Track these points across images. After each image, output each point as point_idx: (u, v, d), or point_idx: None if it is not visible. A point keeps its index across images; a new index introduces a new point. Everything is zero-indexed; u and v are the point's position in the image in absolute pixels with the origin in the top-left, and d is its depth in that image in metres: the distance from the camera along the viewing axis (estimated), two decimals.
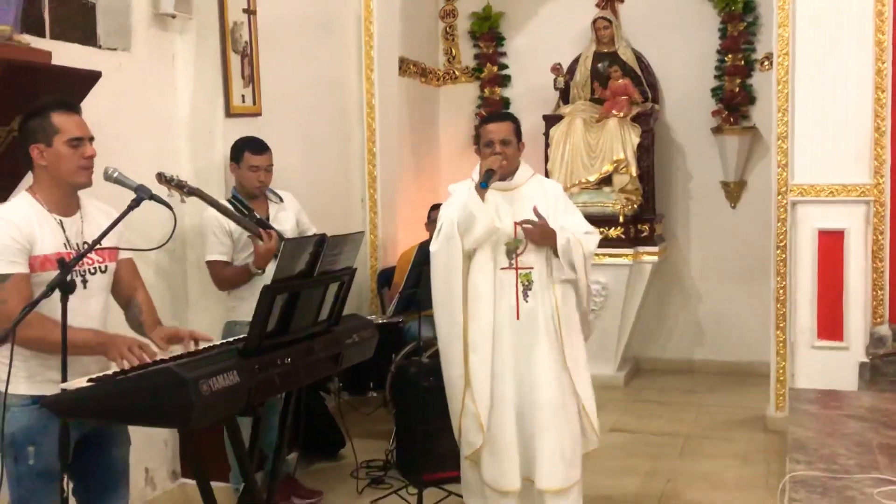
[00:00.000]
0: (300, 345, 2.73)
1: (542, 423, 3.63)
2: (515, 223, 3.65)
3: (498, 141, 3.66)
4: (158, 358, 2.68)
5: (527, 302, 3.64)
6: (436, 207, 5.89)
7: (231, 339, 2.79)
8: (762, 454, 5.16)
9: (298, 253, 2.66)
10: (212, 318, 4.41)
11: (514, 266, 3.66)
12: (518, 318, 3.64)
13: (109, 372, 2.55)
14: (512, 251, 3.66)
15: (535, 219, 3.60)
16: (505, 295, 3.65)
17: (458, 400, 3.72)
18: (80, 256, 2.65)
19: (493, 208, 3.60)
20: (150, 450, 4.31)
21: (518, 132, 3.76)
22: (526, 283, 3.65)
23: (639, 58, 7.13)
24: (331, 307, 2.87)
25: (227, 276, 4.21)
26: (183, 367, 2.37)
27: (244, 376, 2.45)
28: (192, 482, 4.31)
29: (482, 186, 3.53)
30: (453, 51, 7.72)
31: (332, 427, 5.26)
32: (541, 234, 3.62)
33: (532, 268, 3.67)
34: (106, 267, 2.96)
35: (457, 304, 3.63)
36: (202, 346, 2.89)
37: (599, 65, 7.11)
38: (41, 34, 3.84)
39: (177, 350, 2.88)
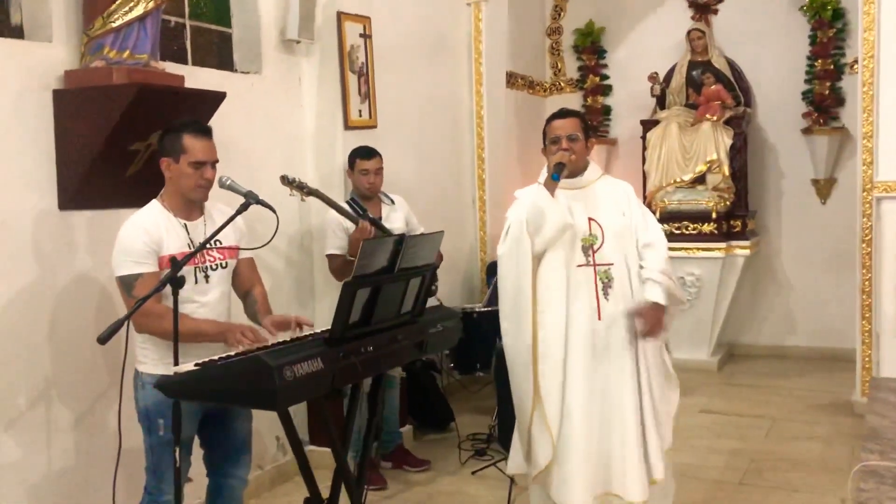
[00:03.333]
0: (385, 334, 2.63)
1: (625, 431, 3.06)
2: (590, 219, 3.14)
3: (565, 137, 3.14)
4: (268, 343, 2.66)
5: (608, 300, 3.08)
6: None
7: (325, 329, 2.71)
8: (846, 438, 4.73)
9: (378, 251, 2.56)
10: (331, 305, 4.30)
11: (592, 262, 3.09)
12: (600, 319, 3.07)
13: (215, 357, 2.52)
14: (588, 247, 3.10)
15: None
16: (582, 294, 3.07)
17: (527, 415, 3.08)
18: (189, 256, 2.65)
19: (562, 201, 3.10)
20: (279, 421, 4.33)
21: (586, 128, 3.23)
22: (606, 281, 3.10)
23: (731, 65, 6.71)
24: (414, 299, 2.76)
25: (339, 267, 4.19)
26: (271, 354, 2.32)
27: (328, 363, 2.37)
28: (319, 448, 4.33)
29: (554, 178, 3.02)
30: (559, 64, 7.48)
31: (442, 403, 5.19)
32: (654, 319, 3.08)
33: (612, 264, 3.10)
34: (226, 263, 2.96)
35: (525, 311, 3.04)
36: (306, 330, 2.85)
37: (694, 72, 6.72)
38: (183, 61, 3.91)
39: (285, 336, 2.85)
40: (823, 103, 6.52)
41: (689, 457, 4.43)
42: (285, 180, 3.80)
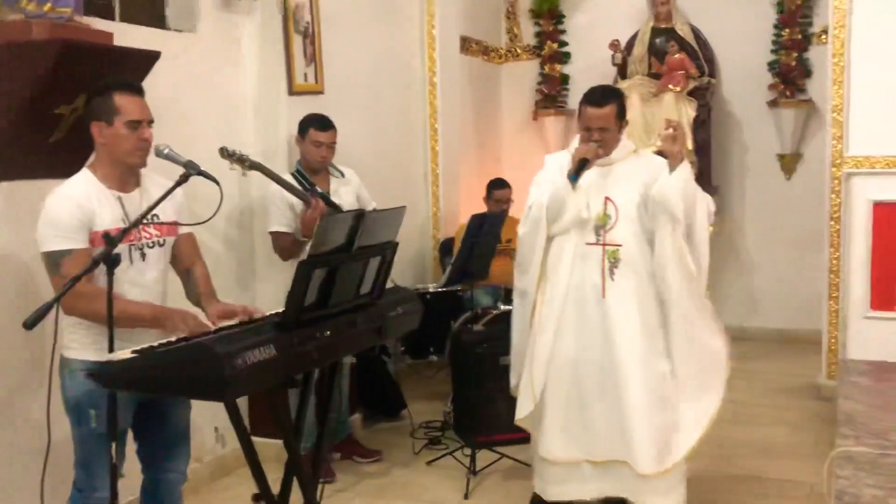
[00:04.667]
0: (342, 318, 2.56)
1: (628, 404, 3.24)
2: (606, 198, 3.29)
3: (596, 129, 3.25)
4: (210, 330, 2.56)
5: (613, 280, 3.25)
6: (494, 185, 5.67)
7: (275, 312, 2.63)
8: (813, 422, 4.85)
9: (335, 228, 2.48)
10: (276, 287, 4.30)
11: (602, 242, 3.27)
12: (604, 297, 3.26)
13: (154, 344, 2.42)
14: (601, 226, 3.28)
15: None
16: (588, 271, 3.28)
17: (517, 371, 3.53)
18: (125, 231, 2.53)
19: (584, 192, 3.26)
20: (220, 409, 4.21)
21: (621, 113, 3.32)
22: (613, 261, 3.25)
23: (696, 33, 6.74)
24: (373, 281, 2.69)
25: (286, 245, 4.10)
26: (219, 341, 2.24)
27: (281, 350, 2.29)
28: (262, 439, 4.23)
29: (572, 179, 3.21)
30: (515, 29, 7.43)
31: (394, 390, 5.14)
32: (676, 141, 3.16)
33: (621, 245, 3.26)
34: (164, 241, 2.85)
35: (532, 283, 3.37)
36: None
37: (657, 40, 6.74)
38: (111, 17, 3.75)
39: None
40: (790, 75, 6.61)
41: None
42: (225, 153, 3.69)
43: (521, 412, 3.46)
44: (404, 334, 4.98)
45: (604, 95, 3.33)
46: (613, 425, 3.29)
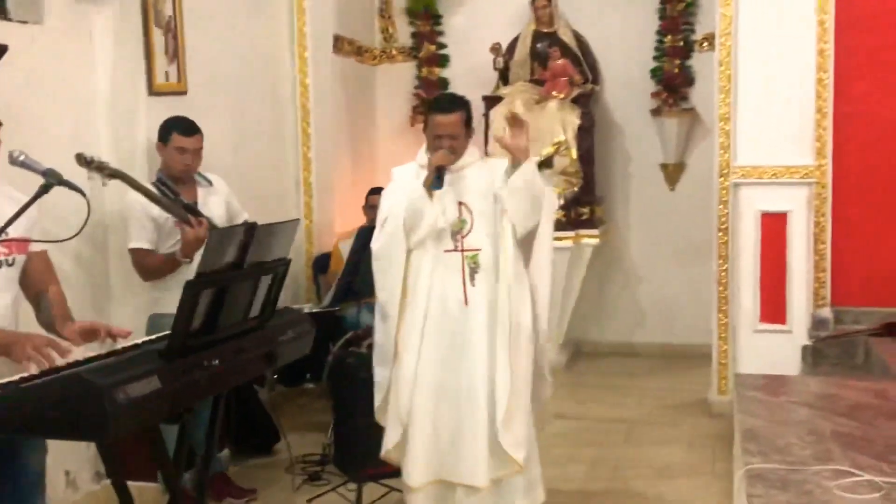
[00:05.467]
0: (229, 344, 2.48)
1: (474, 416, 3.42)
2: (460, 203, 3.45)
3: (446, 136, 3.43)
4: (72, 360, 2.40)
5: (474, 286, 3.43)
6: (374, 191, 5.68)
7: (153, 338, 2.51)
8: (707, 439, 5.06)
9: (226, 243, 2.40)
10: (135, 310, 4.13)
11: (460, 248, 3.44)
12: (466, 305, 3.42)
13: (15, 378, 2.26)
14: (457, 232, 3.45)
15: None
16: (450, 280, 3.44)
17: (381, 400, 3.60)
18: None
19: (438, 200, 3.39)
20: (69, 451, 4.01)
21: (468, 120, 3.53)
22: (473, 266, 3.44)
23: (578, 38, 6.96)
24: (263, 302, 2.62)
25: (150, 266, 3.95)
26: (96, 372, 2.12)
27: (166, 381, 2.19)
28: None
29: (435, 188, 3.34)
30: (390, 29, 7.45)
31: (266, 421, 5.01)
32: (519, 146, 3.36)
33: (479, 249, 3.46)
34: (13, 259, 2.68)
35: (394, 302, 3.44)
36: (120, 343, 2.61)
37: (539, 45, 6.91)
38: None
39: (93, 350, 2.60)
40: (673, 82, 6.92)
41: (548, 467, 4.53)
42: (82, 160, 3.53)
43: (391, 440, 3.56)
44: None
45: (452, 102, 3.54)
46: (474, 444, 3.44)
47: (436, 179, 3.34)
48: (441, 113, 3.47)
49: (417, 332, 3.42)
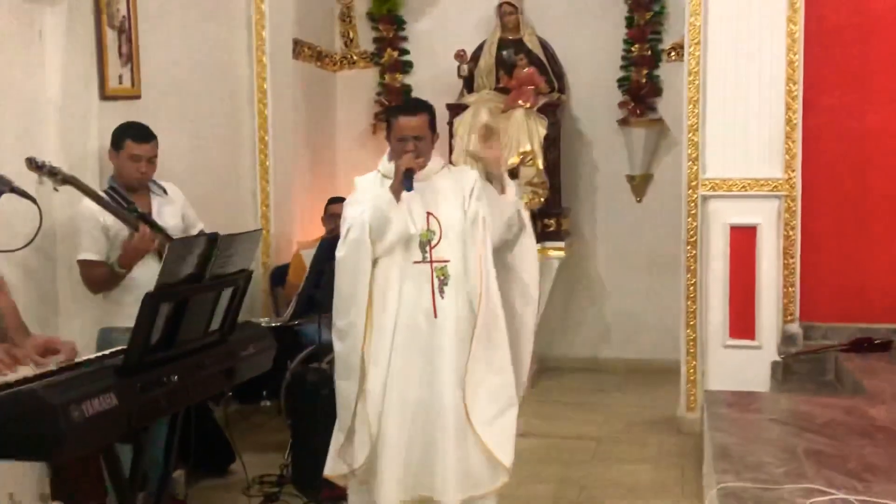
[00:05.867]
0: (189, 359, 2.46)
1: (444, 432, 3.42)
2: (428, 213, 3.46)
3: (411, 138, 3.44)
4: (21, 376, 2.36)
5: (443, 298, 3.43)
6: (333, 200, 5.68)
7: (108, 353, 2.48)
8: (675, 458, 5.10)
9: (186, 254, 2.38)
10: (84, 323, 4.09)
11: (429, 259, 3.44)
12: (436, 317, 3.42)
13: None
14: (426, 243, 3.45)
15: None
16: (419, 292, 3.43)
17: (350, 412, 3.49)
18: None
19: (405, 207, 3.40)
20: (12, 472, 3.91)
21: (433, 123, 3.55)
22: (442, 278, 3.44)
23: (544, 46, 7.00)
24: (223, 315, 2.60)
25: (96, 277, 3.91)
26: (50, 388, 2.08)
27: (124, 398, 2.17)
28: None
29: (407, 190, 3.36)
30: (351, 34, 7.45)
31: (220, 440, 4.96)
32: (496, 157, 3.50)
33: (448, 261, 3.46)
34: None
35: (360, 312, 3.40)
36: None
37: (504, 52, 6.94)
38: None
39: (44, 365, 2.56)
40: (640, 92, 7.00)
41: (514, 487, 4.54)
42: (33, 165, 3.49)
43: (357, 460, 3.51)
44: None
45: (416, 105, 3.62)
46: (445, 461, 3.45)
47: (405, 181, 3.34)
48: (405, 114, 3.50)
49: (386, 344, 3.41)
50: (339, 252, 3.45)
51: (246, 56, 5.83)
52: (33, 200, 2.53)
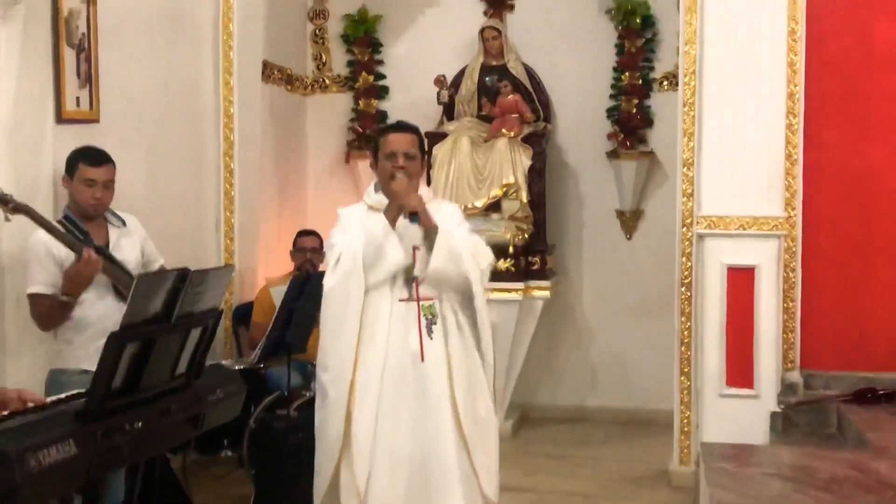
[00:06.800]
0: (154, 404, 2.45)
1: (446, 483, 3.46)
2: (414, 248, 3.50)
3: (401, 153, 3.49)
4: None
5: (431, 339, 3.46)
6: (302, 234, 5.70)
7: (66, 396, 2.46)
8: None
9: (154, 291, 2.38)
10: (32, 363, 4.07)
11: (416, 297, 3.47)
12: (423, 360, 3.45)
13: None
14: (412, 279, 3.48)
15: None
16: (406, 332, 3.47)
17: (332, 464, 3.51)
18: None
19: (398, 238, 3.44)
20: None
21: (422, 146, 3.64)
22: (430, 317, 3.48)
23: (529, 73, 7.09)
24: (190, 357, 2.59)
25: (45, 312, 3.88)
26: (3, 435, 2.06)
27: (83, 446, 2.16)
28: None
29: (413, 222, 3.40)
30: (324, 56, 7.51)
31: (177, 493, 4.91)
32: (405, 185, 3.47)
33: (434, 298, 3.52)
34: None
35: (349, 346, 3.42)
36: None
37: (487, 79, 7.02)
38: None
39: None
40: (630, 123, 7.08)
41: None
42: None
43: None
44: None
45: (405, 124, 3.70)
46: None
47: (413, 216, 3.39)
48: (395, 131, 3.61)
49: (375, 387, 3.42)
50: (328, 282, 3.44)
51: (212, 78, 5.85)
52: None
